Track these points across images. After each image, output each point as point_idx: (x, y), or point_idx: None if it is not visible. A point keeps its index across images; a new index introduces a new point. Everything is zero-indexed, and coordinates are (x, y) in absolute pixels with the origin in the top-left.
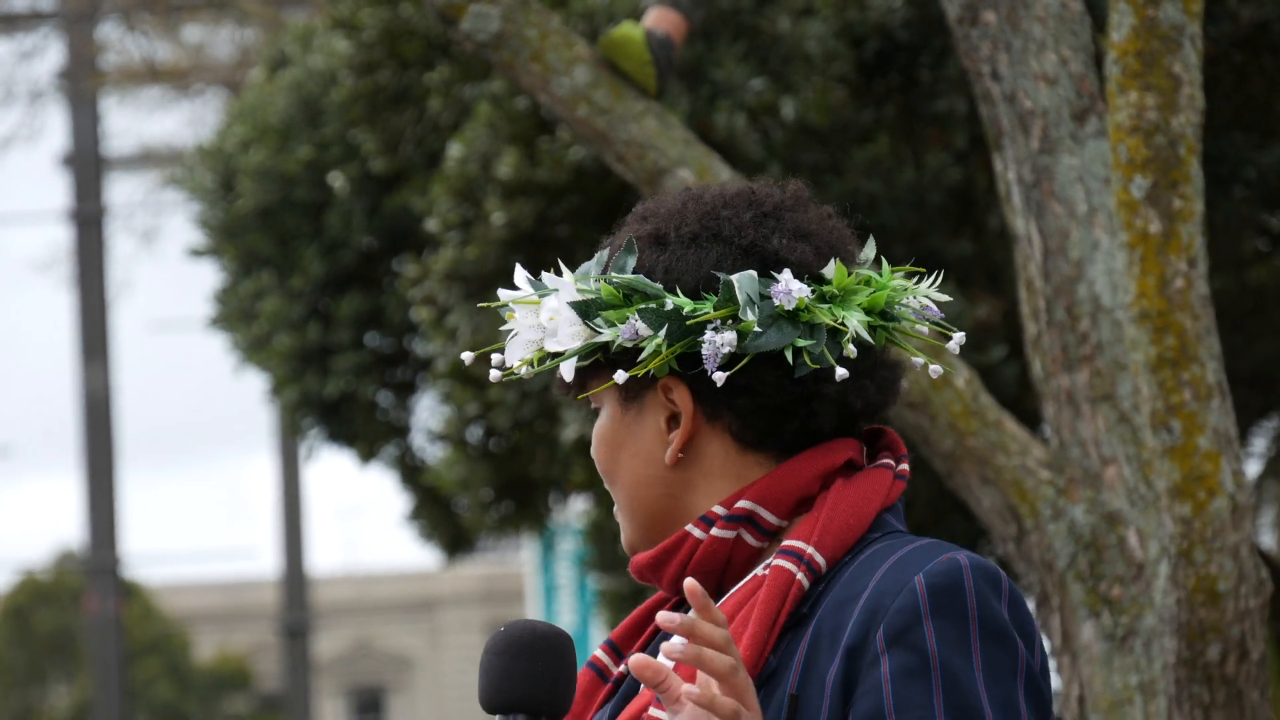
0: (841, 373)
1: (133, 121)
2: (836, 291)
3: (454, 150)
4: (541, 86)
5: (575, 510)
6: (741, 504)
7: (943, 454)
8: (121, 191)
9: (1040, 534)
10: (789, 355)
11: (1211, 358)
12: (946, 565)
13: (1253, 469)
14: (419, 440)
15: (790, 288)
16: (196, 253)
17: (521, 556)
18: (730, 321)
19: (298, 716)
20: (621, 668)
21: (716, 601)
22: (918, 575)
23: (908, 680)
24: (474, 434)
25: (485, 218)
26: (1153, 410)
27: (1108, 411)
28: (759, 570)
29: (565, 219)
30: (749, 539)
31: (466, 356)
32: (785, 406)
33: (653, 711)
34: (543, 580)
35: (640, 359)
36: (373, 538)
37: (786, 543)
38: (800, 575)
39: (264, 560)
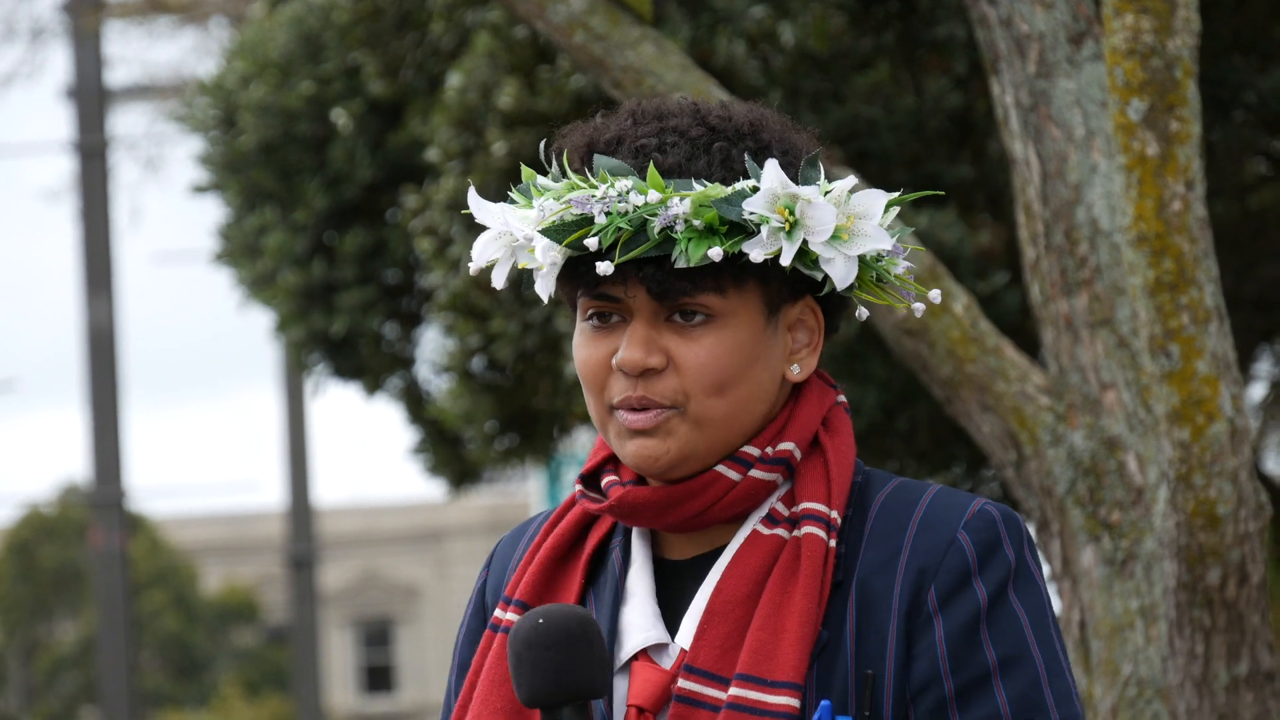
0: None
1: (136, 51)
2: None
3: (454, 80)
4: (538, 13)
5: (580, 441)
6: (784, 445)
7: (941, 380)
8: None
9: (1040, 460)
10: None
11: (1210, 281)
12: (983, 520)
13: (1257, 392)
14: (424, 372)
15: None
16: (199, 189)
17: (527, 487)
18: None
19: (305, 648)
20: None
21: (714, 555)
22: (959, 532)
23: (961, 639)
24: (477, 366)
25: (486, 147)
26: (1151, 335)
27: (1106, 336)
28: (758, 521)
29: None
30: (780, 480)
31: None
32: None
33: (683, 684)
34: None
35: (845, 277)
36: (379, 470)
37: (810, 506)
38: (832, 542)
39: (270, 493)
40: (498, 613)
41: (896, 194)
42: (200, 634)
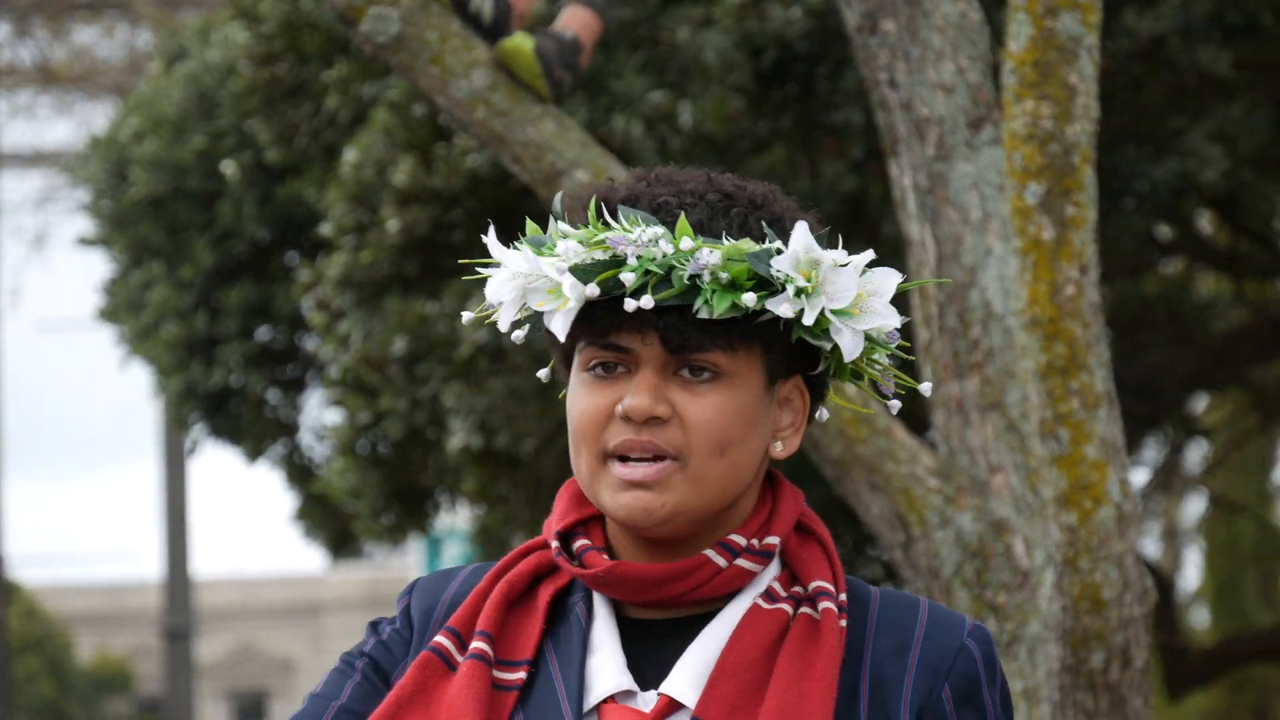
0: (895, 404)
1: (23, 130)
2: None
3: (349, 156)
4: (440, 89)
5: (462, 515)
6: (771, 540)
7: (831, 460)
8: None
9: (928, 541)
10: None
11: (1101, 365)
12: (982, 634)
13: (1140, 478)
14: (307, 439)
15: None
16: (87, 241)
17: (406, 561)
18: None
19: None
20: (518, 675)
21: (693, 621)
22: (966, 640)
23: None
24: (364, 441)
25: (380, 223)
26: (1041, 419)
27: (996, 419)
28: (757, 597)
29: (460, 225)
30: (759, 570)
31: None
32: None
33: None
34: None
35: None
36: (258, 540)
37: (822, 585)
38: (843, 622)
39: (147, 563)
40: (442, 639)
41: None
42: (74, 702)
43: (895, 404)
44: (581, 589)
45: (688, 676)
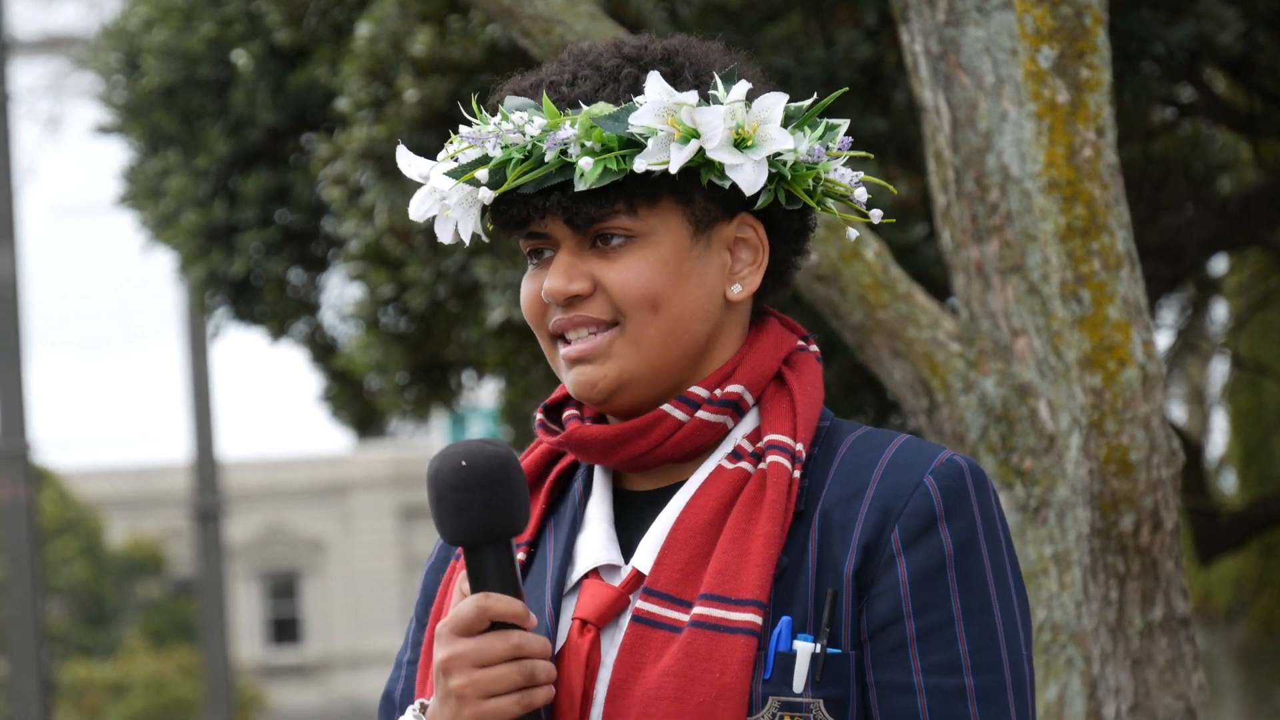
0: (877, 213)
1: (35, 11)
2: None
3: (364, 29)
4: None
5: (487, 390)
6: (733, 388)
7: (853, 327)
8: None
9: (951, 407)
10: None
11: (1121, 227)
12: (951, 468)
13: (1163, 342)
14: (329, 318)
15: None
16: (103, 130)
17: (431, 439)
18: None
19: (212, 601)
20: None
21: (678, 488)
22: (926, 476)
23: (925, 583)
24: (387, 316)
25: (398, 96)
26: (1062, 280)
27: (1017, 283)
28: (723, 457)
29: (479, 97)
30: (729, 423)
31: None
32: (793, 263)
33: (641, 605)
34: None
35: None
36: (283, 420)
37: (775, 438)
38: (796, 473)
39: (174, 446)
40: None
41: (807, 102)
42: (109, 584)
43: (876, 213)
44: (585, 465)
45: (650, 546)
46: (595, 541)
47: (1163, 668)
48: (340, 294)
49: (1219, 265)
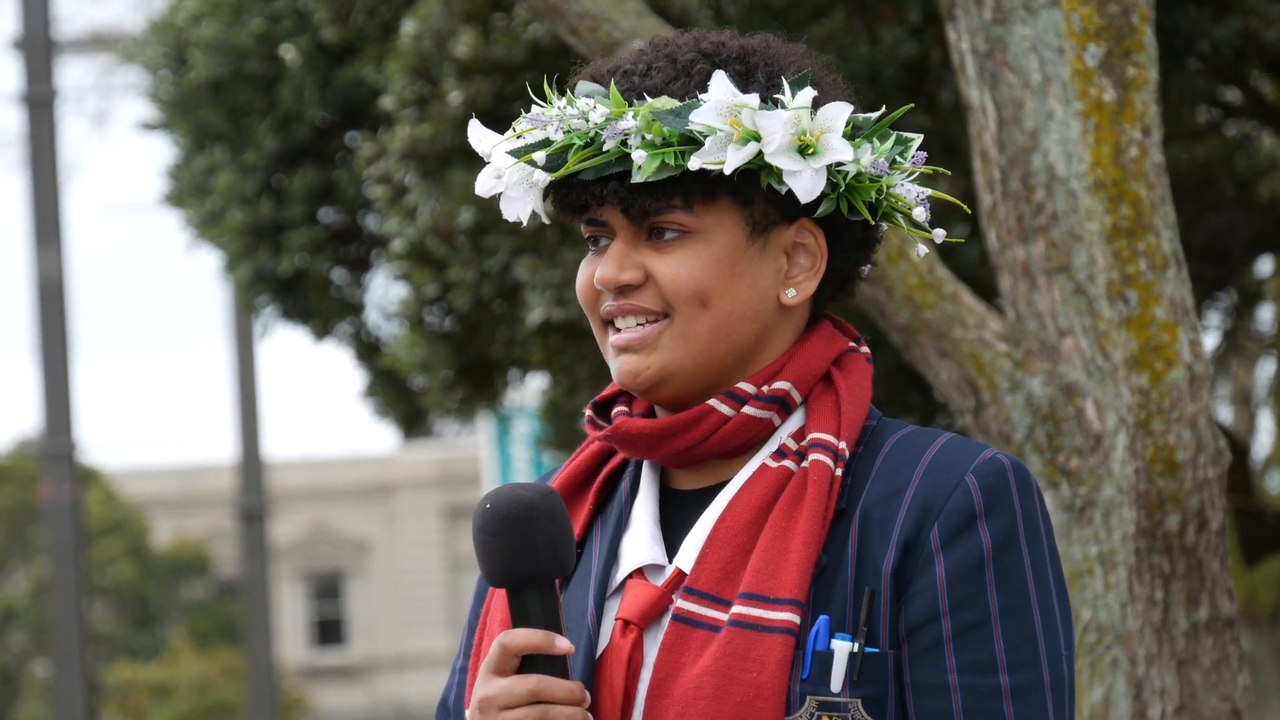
0: (940, 233)
1: (83, 6)
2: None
3: (408, 28)
4: None
5: (531, 390)
6: (780, 384)
7: (899, 327)
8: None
9: (998, 406)
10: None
11: (1167, 227)
12: (993, 466)
13: (1209, 342)
14: (374, 317)
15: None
16: (149, 126)
17: (477, 439)
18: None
19: (257, 601)
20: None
21: (723, 487)
22: (968, 474)
23: (962, 580)
24: (431, 315)
25: (442, 96)
26: (1108, 281)
27: (1063, 283)
28: (768, 455)
29: (522, 96)
30: (776, 419)
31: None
32: (856, 272)
33: (682, 604)
34: (498, 461)
35: (823, 194)
36: (328, 420)
37: (819, 436)
38: (839, 471)
39: (220, 446)
40: None
41: (876, 113)
42: (154, 585)
43: (940, 233)
44: (633, 462)
45: (692, 545)
46: (640, 541)
47: (1208, 669)
48: (385, 293)
49: (1264, 267)
